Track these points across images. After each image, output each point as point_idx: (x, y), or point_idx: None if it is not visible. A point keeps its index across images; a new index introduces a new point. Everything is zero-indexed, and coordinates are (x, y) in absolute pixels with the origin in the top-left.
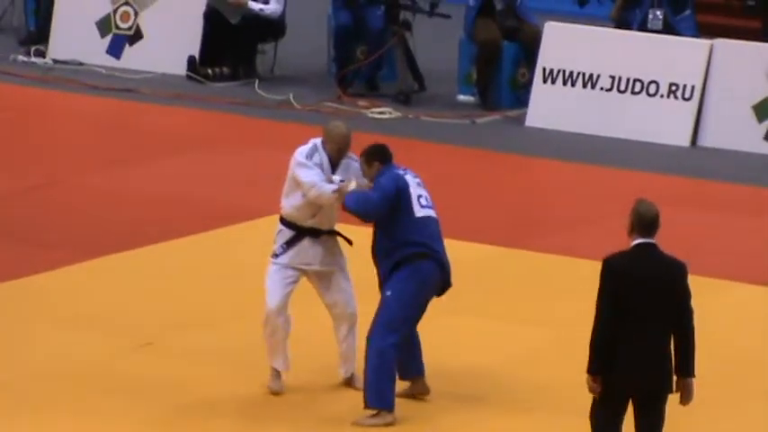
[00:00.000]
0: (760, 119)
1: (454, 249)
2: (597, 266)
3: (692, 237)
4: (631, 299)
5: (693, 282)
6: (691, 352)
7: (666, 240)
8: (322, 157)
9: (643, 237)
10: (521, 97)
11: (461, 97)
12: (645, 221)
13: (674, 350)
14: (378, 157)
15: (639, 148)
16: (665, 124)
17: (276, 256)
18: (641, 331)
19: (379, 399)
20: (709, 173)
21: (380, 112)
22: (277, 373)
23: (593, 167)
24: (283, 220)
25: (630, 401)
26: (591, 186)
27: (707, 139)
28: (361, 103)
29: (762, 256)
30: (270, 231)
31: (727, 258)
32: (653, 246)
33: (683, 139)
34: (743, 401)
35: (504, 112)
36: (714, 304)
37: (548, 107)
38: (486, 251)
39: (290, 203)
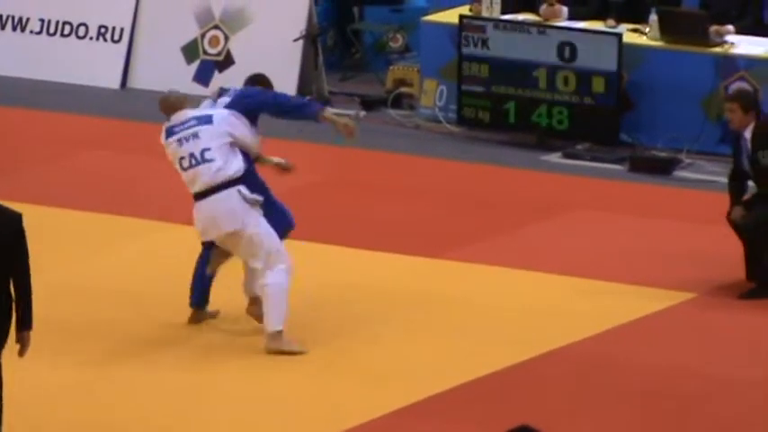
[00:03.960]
0: (189, 60)
1: None
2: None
3: (122, 179)
4: None
5: (127, 225)
6: (25, 304)
7: (99, 183)
8: None
9: None
10: None
11: None
12: None
13: (15, 303)
14: None
15: (71, 91)
16: (95, 67)
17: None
18: None
19: None
20: (139, 114)
21: None
22: None
23: (25, 111)
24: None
25: None
26: (22, 130)
27: (137, 81)
28: None
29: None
30: None
31: (158, 200)
32: None
33: (113, 82)
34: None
35: None
36: (148, 246)
37: None
38: None
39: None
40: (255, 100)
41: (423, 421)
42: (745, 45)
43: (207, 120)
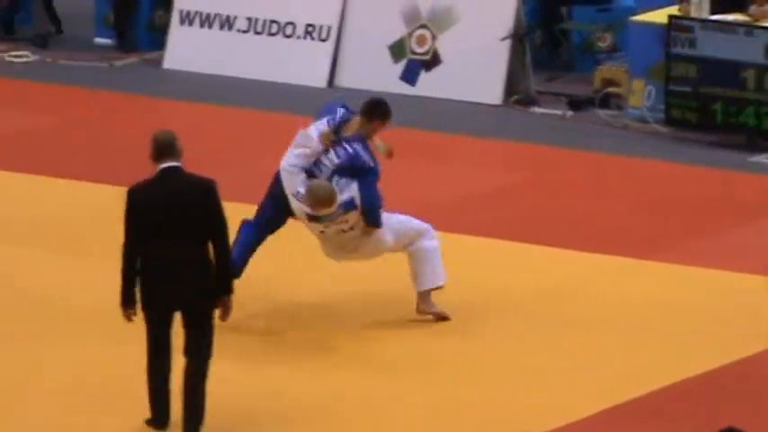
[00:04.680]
0: (396, 59)
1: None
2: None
3: None
4: (158, 222)
5: None
6: (225, 270)
7: None
8: None
9: (165, 160)
10: (159, 39)
11: (99, 40)
12: (161, 144)
13: (216, 269)
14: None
15: (278, 90)
16: (303, 65)
17: None
18: (172, 252)
19: None
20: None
21: (18, 56)
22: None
23: (233, 109)
24: None
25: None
26: (232, 127)
27: (344, 80)
28: None
29: (399, 195)
30: None
31: None
32: (177, 168)
33: (320, 80)
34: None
35: (142, 54)
36: None
37: (186, 49)
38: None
39: None
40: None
41: (628, 423)
42: None
43: (352, 205)
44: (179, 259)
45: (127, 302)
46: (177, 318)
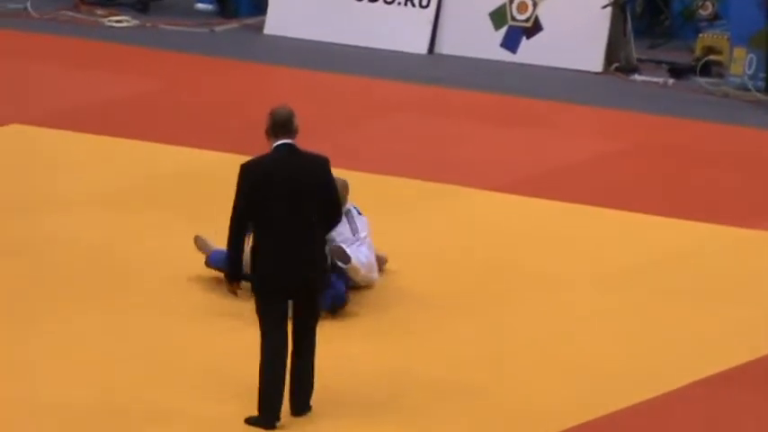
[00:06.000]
0: (497, 26)
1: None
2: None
3: (431, 143)
4: (274, 198)
5: (432, 189)
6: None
7: (406, 147)
8: None
9: (280, 138)
10: (259, 5)
11: (200, 5)
12: (278, 122)
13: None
14: None
15: (378, 56)
16: (403, 32)
17: None
18: (287, 230)
19: None
20: (446, 80)
21: (118, 21)
22: None
23: (333, 75)
24: None
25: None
26: (331, 94)
27: (444, 47)
28: (99, 11)
29: (499, 162)
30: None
31: (465, 165)
32: (291, 145)
33: (421, 47)
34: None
35: (243, 20)
36: (453, 211)
37: (286, 15)
38: (218, 157)
39: None
40: None
41: (724, 392)
42: None
43: None
44: (296, 237)
45: (234, 276)
46: None
